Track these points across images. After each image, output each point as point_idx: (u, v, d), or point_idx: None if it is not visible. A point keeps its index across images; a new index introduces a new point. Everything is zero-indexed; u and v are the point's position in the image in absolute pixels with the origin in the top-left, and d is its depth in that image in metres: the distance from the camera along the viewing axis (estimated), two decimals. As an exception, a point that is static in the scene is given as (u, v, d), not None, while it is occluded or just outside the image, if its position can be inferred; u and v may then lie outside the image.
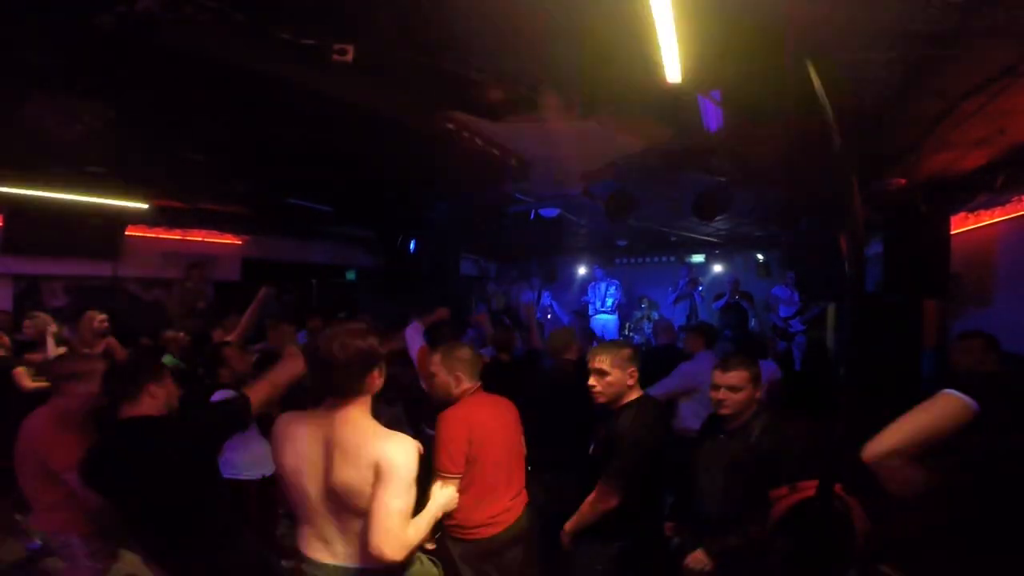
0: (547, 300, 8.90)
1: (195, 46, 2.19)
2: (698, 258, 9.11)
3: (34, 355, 4.15)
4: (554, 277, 9.95)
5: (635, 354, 2.31)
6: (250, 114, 3.08)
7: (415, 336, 3.75)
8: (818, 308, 6.70)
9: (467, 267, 9.86)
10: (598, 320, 7.98)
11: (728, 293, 7.19)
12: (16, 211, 4.91)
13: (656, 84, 2.23)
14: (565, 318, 7.97)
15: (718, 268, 9.02)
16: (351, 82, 2.61)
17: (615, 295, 8.28)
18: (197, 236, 6.60)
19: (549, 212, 5.77)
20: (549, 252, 9.73)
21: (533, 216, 5.89)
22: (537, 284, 8.91)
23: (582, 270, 9.69)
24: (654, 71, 2.16)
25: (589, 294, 8.50)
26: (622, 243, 8.74)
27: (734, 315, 7.13)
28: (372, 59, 2.36)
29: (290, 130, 3.30)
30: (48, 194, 4.53)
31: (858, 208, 2.10)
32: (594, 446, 2.33)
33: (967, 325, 4.17)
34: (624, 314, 8.52)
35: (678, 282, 7.93)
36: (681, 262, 8.44)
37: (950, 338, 4.73)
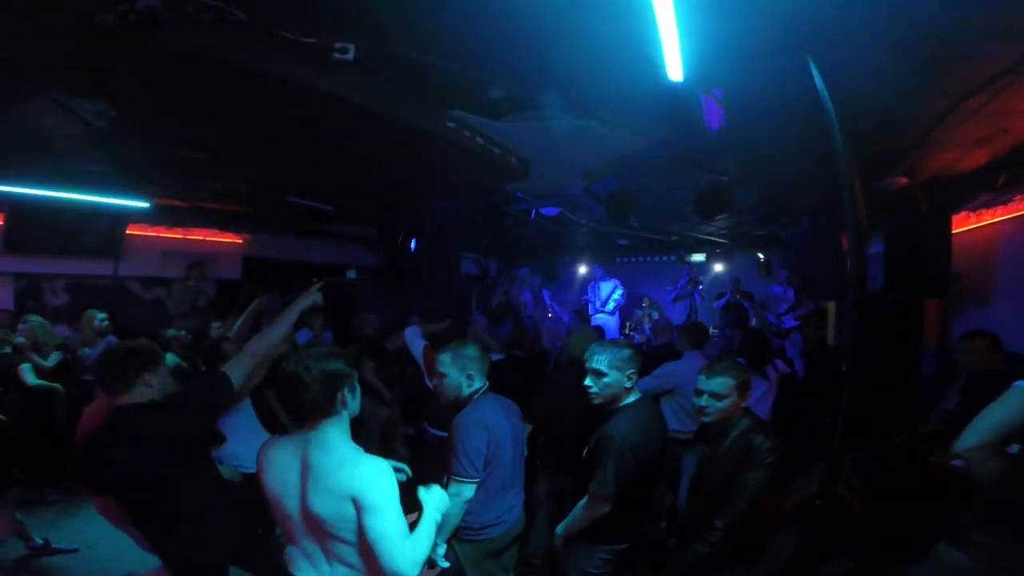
0: (547, 300, 8.89)
1: (196, 45, 2.19)
2: (698, 257, 9.11)
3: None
4: (554, 277, 9.95)
5: (635, 356, 2.24)
6: (250, 113, 3.08)
7: (415, 336, 3.75)
8: (812, 304, 6.67)
9: (467, 267, 9.86)
10: (597, 320, 7.97)
11: (729, 292, 7.18)
12: (16, 211, 4.91)
13: (657, 83, 2.24)
14: (566, 317, 7.96)
15: (719, 267, 9.01)
16: (352, 81, 2.60)
17: (619, 300, 8.23)
18: (198, 235, 6.60)
19: (549, 212, 5.76)
20: (549, 252, 9.73)
21: (533, 216, 5.88)
22: (537, 284, 8.88)
23: (582, 270, 9.68)
24: (656, 70, 2.16)
25: (589, 294, 8.48)
26: (622, 243, 8.73)
27: (735, 314, 7.13)
28: (373, 58, 2.37)
29: (290, 129, 3.30)
30: (48, 194, 4.52)
31: (859, 207, 2.11)
32: (588, 449, 2.27)
33: (968, 325, 4.16)
34: (624, 313, 8.51)
35: (678, 281, 7.92)
36: (681, 261, 8.42)
37: (951, 338, 4.73)
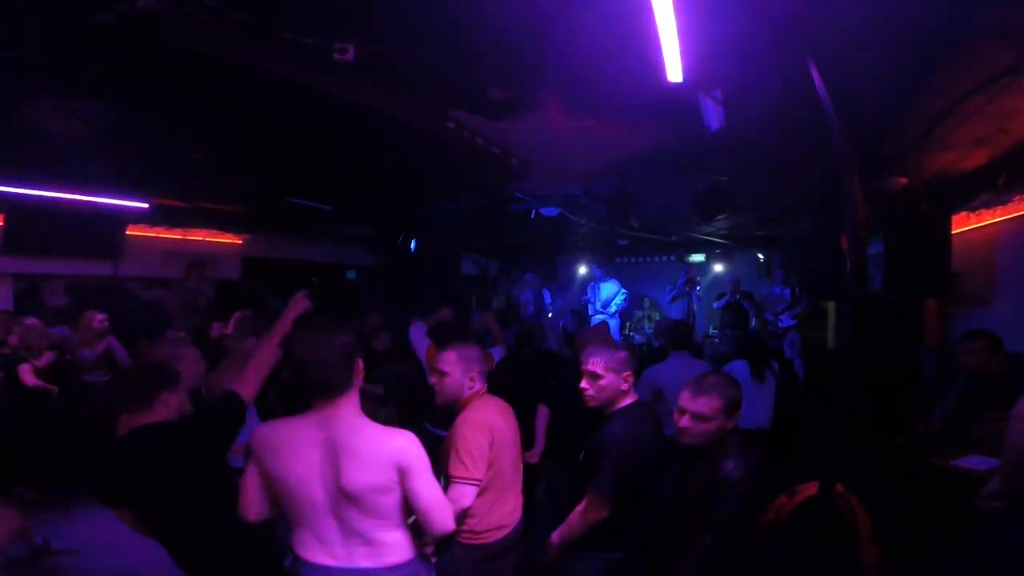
0: (547, 300, 8.89)
1: (196, 45, 2.19)
2: (698, 258, 9.12)
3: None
4: (554, 277, 9.95)
5: (631, 358, 2.19)
6: (250, 113, 3.08)
7: (420, 335, 3.75)
8: (806, 302, 6.67)
9: (467, 267, 9.86)
10: (597, 321, 7.96)
11: (729, 293, 7.19)
12: (16, 211, 4.91)
13: (657, 83, 2.24)
14: (563, 320, 7.94)
15: (718, 268, 9.02)
16: (351, 81, 2.60)
17: (621, 305, 8.19)
18: (197, 235, 6.59)
19: (549, 212, 5.76)
20: (549, 252, 9.73)
21: (533, 216, 5.88)
22: (537, 284, 8.88)
23: (582, 270, 9.69)
24: (655, 70, 2.16)
25: (589, 294, 8.48)
26: (622, 243, 8.74)
27: (735, 315, 7.13)
28: (372, 58, 2.37)
29: (291, 130, 3.30)
30: (48, 194, 4.52)
31: (859, 207, 2.10)
32: (584, 453, 2.21)
33: (968, 325, 4.16)
34: (624, 314, 8.51)
35: (676, 281, 7.91)
36: (681, 262, 8.42)
37: (951, 338, 4.73)
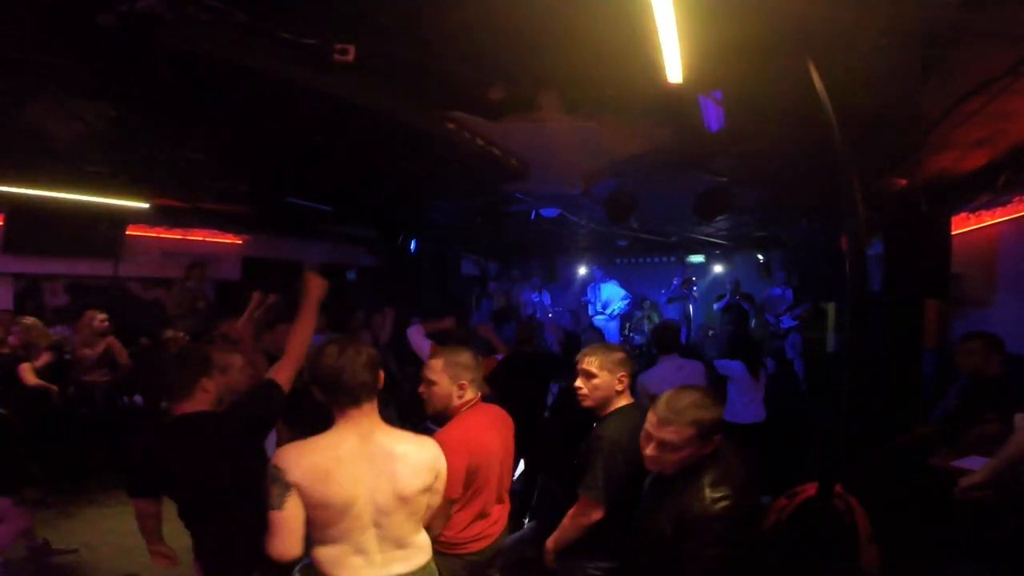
0: (546, 300, 8.89)
1: (196, 45, 2.19)
2: (698, 258, 9.11)
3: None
4: (554, 277, 9.95)
5: (627, 359, 2.15)
6: (250, 113, 3.08)
7: (419, 336, 3.75)
8: (808, 304, 6.68)
9: (467, 267, 9.87)
10: (597, 322, 7.96)
11: (729, 294, 7.19)
12: (16, 211, 4.91)
13: (657, 84, 2.24)
14: (562, 320, 7.94)
15: (718, 268, 9.02)
16: (352, 82, 2.60)
17: (622, 309, 8.14)
18: (197, 236, 6.60)
19: (549, 212, 5.76)
20: (549, 252, 9.74)
21: (533, 216, 5.88)
22: (537, 284, 8.89)
23: (582, 270, 9.69)
24: (655, 71, 2.16)
25: (589, 295, 8.48)
26: (622, 243, 8.74)
27: (734, 316, 7.13)
28: (373, 59, 2.37)
29: (290, 130, 3.30)
30: (48, 194, 4.52)
31: (859, 207, 2.10)
32: (577, 455, 2.15)
33: (968, 326, 4.16)
34: (625, 315, 8.49)
35: (672, 282, 7.86)
36: (681, 262, 8.41)
37: (951, 339, 4.73)
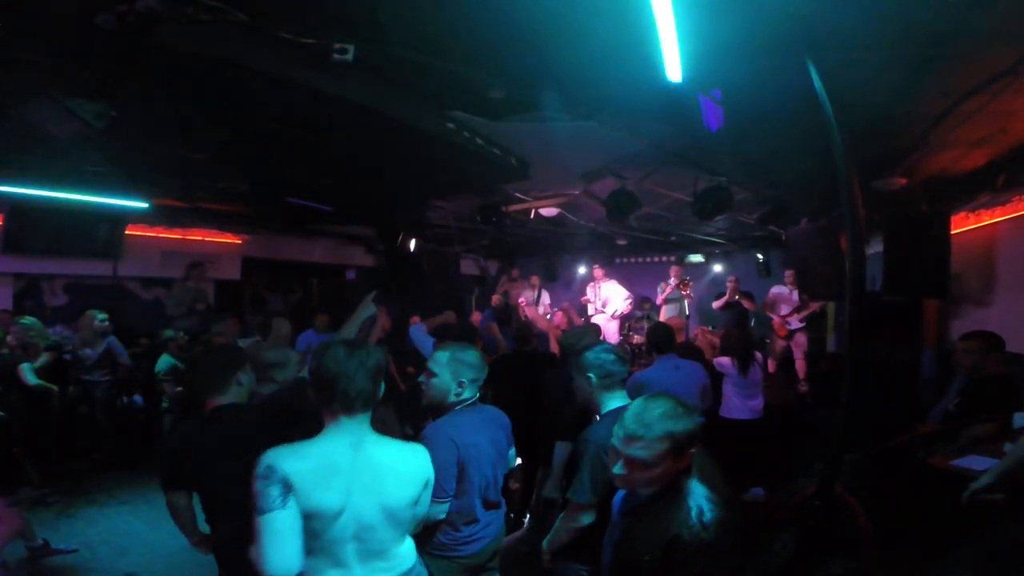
0: (546, 300, 8.88)
1: (196, 45, 2.19)
2: (698, 258, 9.09)
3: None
4: (554, 277, 9.94)
5: (616, 361, 2.11)
6: (250, 113, 3.08)
7: (422, 334, 3.75)
8: (818, 306, 6.70)
9: (467, 267, 9.87)
10: (597, 321, 7.93)
11: (728, 292, 7.18)
12: (16, 211, 4.92)
13: (657, 83, 2.24)
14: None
15: (718, 268, 9.01)
16: (351, 81, 2.60)
17: (621, 309, 8.07)
18: (197, 235, 6.60)
19: (549, 212, 5.76)
20: (549, 252, 9.73)
21: (533, 216, 5.88)
22: (537, 284, 8.87)
23: (582, 270, 9.67)
24: (655, 70, 2.16)
25: (589, 294, 8.45)
26: (622, 243, 8.73)
27: (734, 314, 7.12)
28: (372, 58, 2.37)
29: (290, 129, 3.30)
30: (48, 194, 4.53)
31: (859, 207, 2.11)
32: (569, 454, 2.13)
33: (967, 325, 4.17)
34: (624, 315, 8.46)
35: (667, 282, 7.78)
36: (681, 262, 8.38)
37: (951, 338, 4.74)
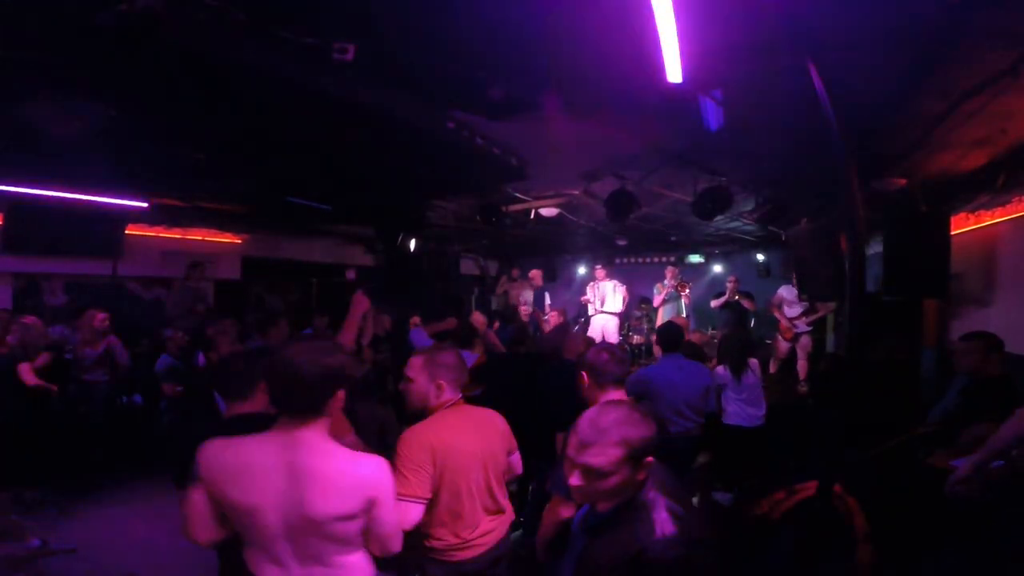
0: (546, 300, 8.89)
1: (195, 45, 2.19)
2: (697, 258, 9.10)
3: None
4: (554, 277, 9.95)
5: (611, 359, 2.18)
6: (250, 113, 3.08)
7: (423, 338, 3.76)
8: (824, 309, 6.69)
9: (467, 267, 9.87)
10: (597, 320, 7.95)
11: (728, 292, 7.19)
12: (16, 210, 4.91)
13: (657, 84, 2.24)
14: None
15: (717, 268, 9.02)
16: (351, 81, 2.60)
17: (620, 306, 8.06)
18: (197, 235, 6.61)
19: (549, 212, 5.76)
20: (549, 252, 9.73)
21: (533, 216, 5.89)
22: (539, 282, 8.88)
23: (582, 270, 9.67)
24: (655, 71, 2.16)
25: (589, 294, 8.46)
26: (622, 243, 8.73)
27: (732, 314, 7.13)
28: (373, 58, 2.37)
29: (290, 129, 3.30)
30: (48, 194, 4.52)
31: (859, 207, 2.11)
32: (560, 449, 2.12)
33: (967, 325, 4.17)
34: (623, 314, 8.46)
35: (664, 283, 7.78)
36: (681, 262, 8.38)
37: (950, 338, 4.74)
